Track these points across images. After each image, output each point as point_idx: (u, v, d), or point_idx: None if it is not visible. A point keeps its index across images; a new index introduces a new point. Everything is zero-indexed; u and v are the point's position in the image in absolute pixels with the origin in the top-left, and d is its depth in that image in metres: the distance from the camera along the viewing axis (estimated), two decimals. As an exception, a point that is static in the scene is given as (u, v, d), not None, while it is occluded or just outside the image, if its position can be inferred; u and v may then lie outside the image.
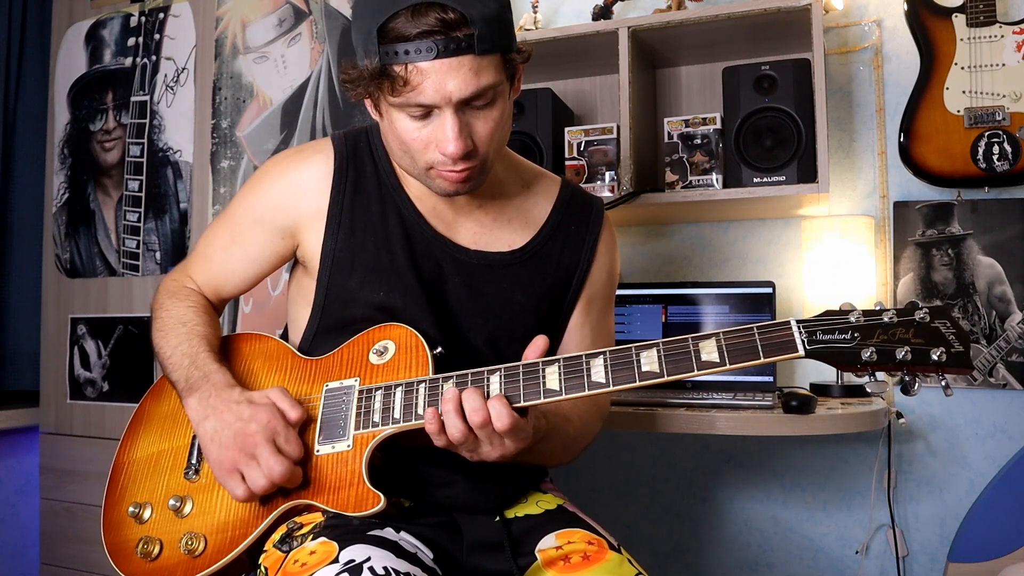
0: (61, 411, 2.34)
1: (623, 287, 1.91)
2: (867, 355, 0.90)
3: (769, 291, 1.81)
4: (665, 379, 0.95)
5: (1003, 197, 1.86)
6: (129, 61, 2.33)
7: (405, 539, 1.04)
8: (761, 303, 1.81)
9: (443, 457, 1.05)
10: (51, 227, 2.41)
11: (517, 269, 1.19)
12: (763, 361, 0.92)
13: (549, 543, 1.08)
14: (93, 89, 2.38)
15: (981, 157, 1.78)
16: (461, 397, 0.97)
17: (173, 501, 1.08)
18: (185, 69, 2.26)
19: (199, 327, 1.16)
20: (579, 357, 0.98)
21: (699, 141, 1.82)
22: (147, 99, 2.30)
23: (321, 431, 1.06)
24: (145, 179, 2.29)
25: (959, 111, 1.80)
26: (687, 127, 1.83)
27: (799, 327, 0.92)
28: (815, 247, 1.86)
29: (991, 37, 1.79)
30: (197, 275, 1.26)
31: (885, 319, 0.91)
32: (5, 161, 2.44)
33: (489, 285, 1.17)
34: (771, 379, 1.79)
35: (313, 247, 1.17)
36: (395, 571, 0.92)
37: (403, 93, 0.98)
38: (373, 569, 0.91)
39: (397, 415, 1.02)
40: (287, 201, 1.18)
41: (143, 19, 2.32)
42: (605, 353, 0.98)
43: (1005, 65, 1.78)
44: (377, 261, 1.14)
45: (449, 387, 0.99)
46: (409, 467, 1.11)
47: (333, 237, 1.15)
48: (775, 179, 1.73)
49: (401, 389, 1.04)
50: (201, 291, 1.25)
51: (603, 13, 1.97)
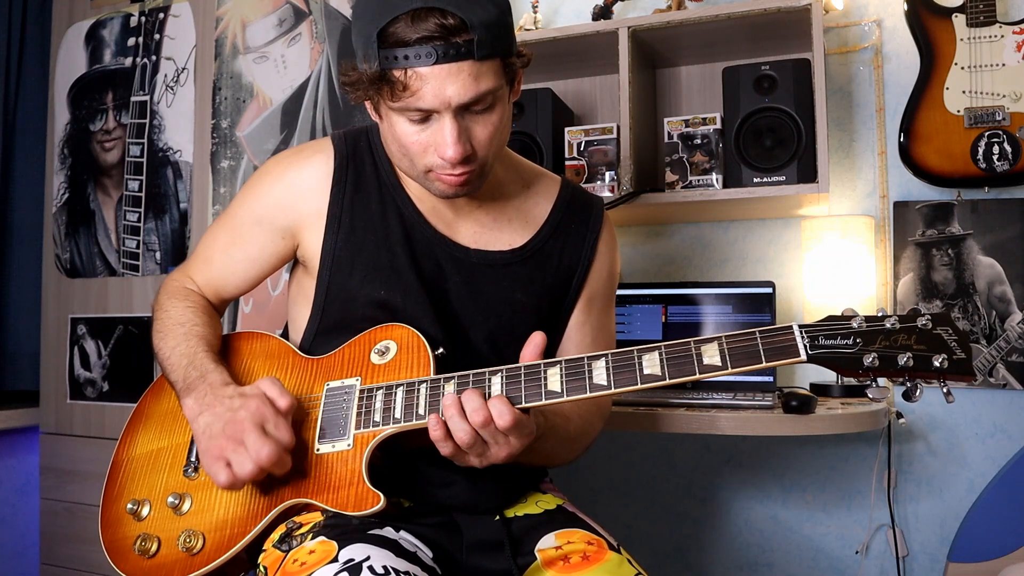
0: (61, 411, 2.34)
1: (623, 287, 1.91)
2: (869, 361, 0.90)
3: (769, 291, 1.81)
4: (667, 382, 0.95)
5: (1003, 197, 1.86)
6: (129, 61, 2.33)
7: (405, 538, 1.04)
8: (761, 303, 1.81)
9: (442, 457, 1.05)
10: (51, 227, 2.41)
11: (517, 268, 1.19)
12: (765, 365, 0.92)
13: (549, 543, 1.08)
14: (93, 89, 2.38)
15: (981, 157, 1.78)
16: (460, 399, 0.97)
17: (172, 498, 1.08)
18: (185, 69, 2.26)
19: (198, 327, 1.16)
20: (581, 359, 0.98)
21: (699, 141, 1.82)
22: (147, 99, 2.30)
23: (322, 430, 1.06)
24: (145, 179, 2.29)
25: (959, 111, 1.80)
26: (687, 127, 1.83)
27: (801, 332, 0.92)
28: (815, 247, 1.86)
29: (991, 37, 1.79)
30: (198, 276, 1.26)
31: (887, 325, 0.91)
32: (5, 161, 2.44)
33: (489, 284, 1.17)
34: (771, 379, 1.79)
35: (313, 247, 1.17)
36: (394, 570, 0.92)
37: (402, 98, 0.98)
38: (372, 568, 0.91)
39: (398, 415, 1.02)
40: (287, 201, 1.18)
41: (143, 19, 2.32)
42: (607, 355, 0.98)
43: (1005, 65, 1.78)
44: (377, 260, 1.14)
45: (448, 392, 0.99)
46: (409, 467, 1.11)
47: (333, 236, 1.16)
48: (775, 179, 1.73)
49: (402, 389, 1.04)
50: (202, 292, 1.25)
51: (603, 13, 1.97)
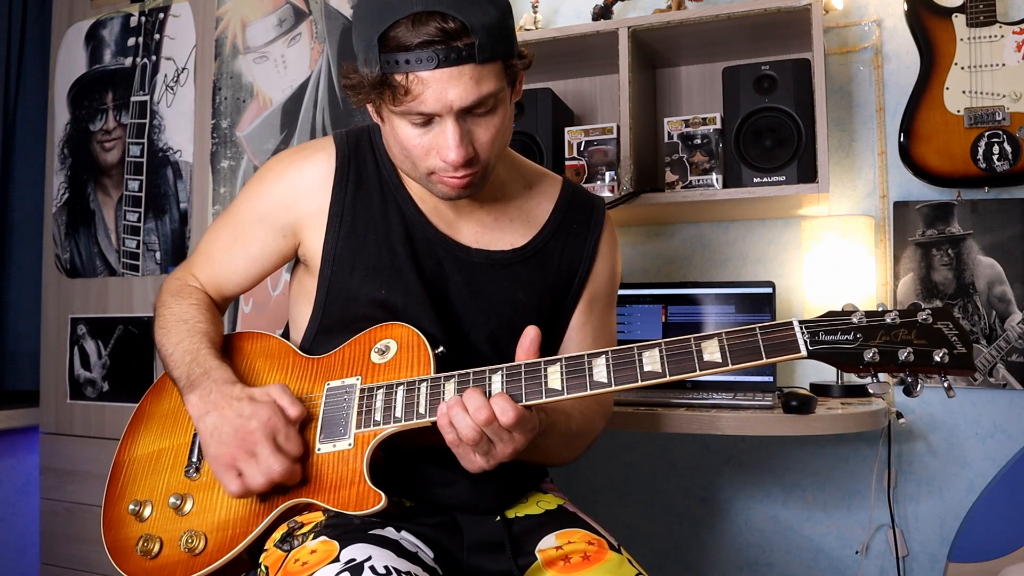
0: (61, 411, 2.34)
1: (623, 287, 1.91)
2: (869, 356, 0.90)
3: (769, 291, 1.81)
4: (667, 379, 0.95)
5: (1003, 197, 1.87)
6: (129, 61, 2.33)
7: (406, 538, 1.04)
8: (761, 303, 1.81)
9: (444, 457, 1.04)
10: (51, 227, 2.41)
11: (518, 268, 1.19)
12: (765, 361, 0.92)
13: (549, 543, 1.08)
14: (93, 89, 2.38)
15: (981, 157, 1.79)
16: (463, 399, 0.97)
17: (173, 499, 1.08)
18: (185, 69, 2.25)
19: (200, 324, 1.16)
20: (581, 357, 0.98)
21: (699, 141, 1.82)
22: (147, 99, 2.30)
23: (322, 430, 1.06)
24: (145, 179, 2.29)
25: (959, 111, 1.80)
26: (687, 127, 1.83)
27: (801, 327, 0.92)
28: (815, 247, 1.86)
29: (991, 37, 1.79)
30: (200, 273, 1.26)
31: (887, 320, 0.91)
32: (5, 161, 2.43)
33: (491, 284, 1.17)
34: (771, 379, 1.79)
35: (314, 246, 1.17)
36: (396, 570, 0.92)
37: (404, 102, 0.98)
38: (374, 568, 0.91)
39: (399, 414, 1.02)
40: (289, 200, 1.18)
41: (143, 19, 2.32)
42: (607, 353, 0.97)
43: (1005, 65, 1.78)
44: (378, 260, 1.14)
45: (450, 392, 0.99)
46: (410, 467, 1.11)
47: (334, 236, 1.16)
48: (775, 179, 1.73)
49: (403, 388, 1.04)
50: (204, 289, 1.25)
51: (603, 13, 1.97)
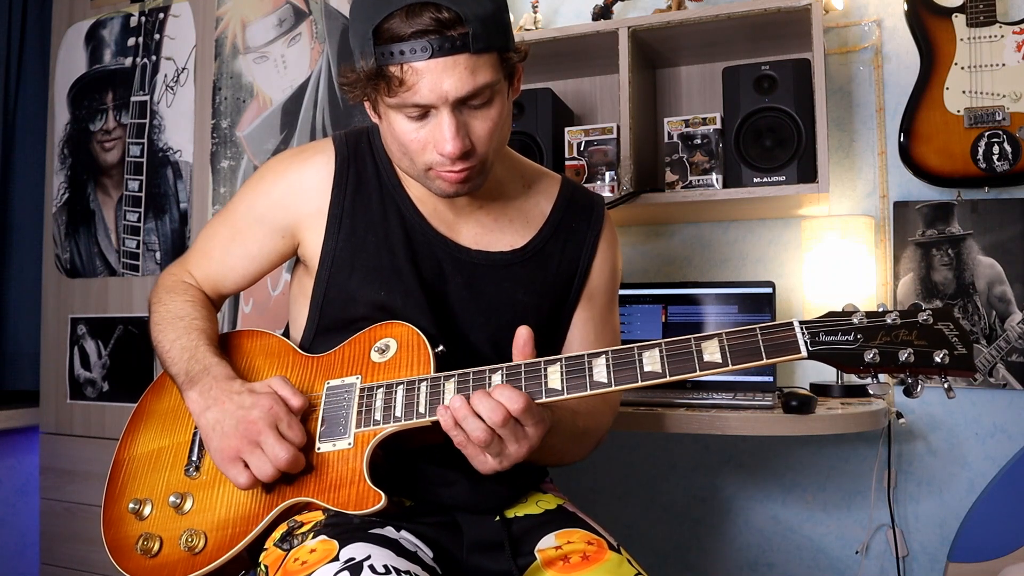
0: (61, 411, 2.34)
1: (623, 287, 1.91)
2: (870, 357, 0.89)
3: (769, 291, 1.81)
4: (667, 379, 0.95)
5: (1003, 197, 1.87)
6: (129, 61, 2.33)
7: (405, 538, 1.04)
8: (761, 303, 1.81)
9: (444, 456, 1.04)
10: (51, 227, 2.41)
11: (518, 268, 1.19)
12: (766, 362, 0.92)
13: (549, 543, 1.08)
14: (93, 89, 2.38)
15: (981, 157, 1.79)
16: (471, 404, 0.95)
17: (173, 498, 1.08)
18: (185, 69, 2.25)
19: (197, 321, 1.16)
20: (581, 357, 0.98)
21: (699, 141, 1.82)
22: (147, 99, 2.30)
23: (322, 429, 1.06)
24: (145, 179, 2.28)
25: (959, 111, 1.80)
26: (687, 127, 1.83)
27: (802, 328, 0.92)
28: (815, 247, 1.86)
29: (991, 37, 1.79)
30: (196, 271, 1.26)
31: (888, 321, 0.91)
32: (5, 161, 2.43)
33: (491, 285, 1.17)
34: (771, 379, 1.79)
35: (313, 247, 1.17)
36: (395, 569, 0.92)
37: (399, 93, 0.98)
38: (373, 567, 0.91)
39: (399, 413, 1.02)
40: (288, 201, 1.18)
41: (143, 19, 2.32)
42: (607, 353, 0.97)
43: (1005, 65, 1.78)
44: (377, 261, 1.14)
45: (454, 397, 0.96)
46: (410, 466, 1.11)
47: (333, 237, 1.16)
48: (775, 179, 1.73)
49: (403, 387, 1.04)
50: (199, 286, 1.25)
51: (603, 13, 1.97)
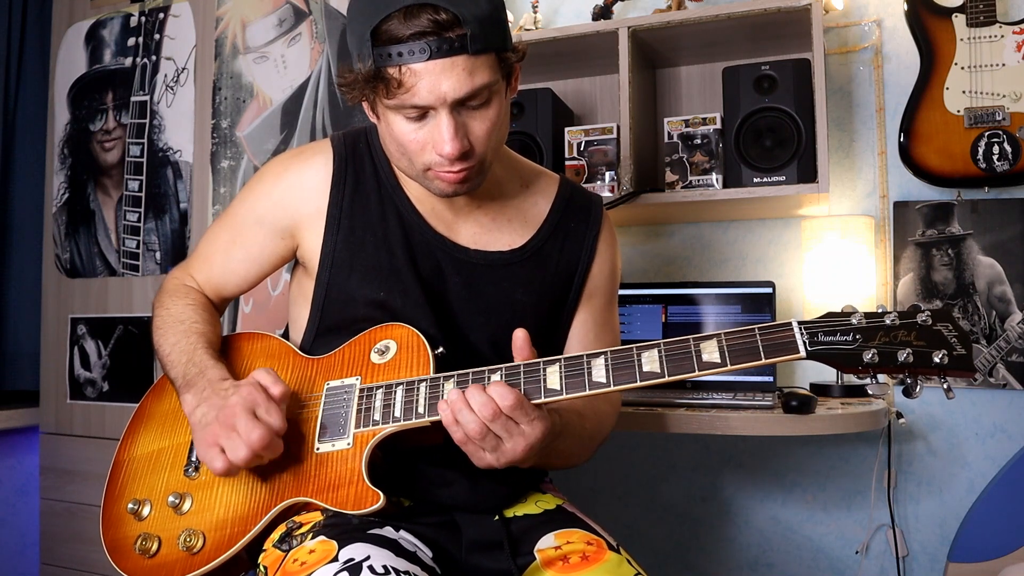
0: (61, 411, 2.34)
1: (623, 287, 1.91)
2: (868, 357, 0.89)
3: (769, 291, 1.81)
4: (666, 379, 0.95)
5: (1003, 197, 1.86)
6: (129, 61, 2.33)
7: (404, 538, 1.04)
8: (761, 303, 1.81)
9: (443, 456, 1.04)
10: (51, 227, 2.41)
11: (517, 268, 1.19)
12: (764, 362, 0.92)
13: (548, 543, 1.08)
14: (93, 89, 2.38)
15: (981, 157, 1.78)
16: (465, 397, 0.96)
17: (172, 498, 1.08)
18: (185, 69, 2.25)
19: (197, 324, 1.17)
20: (580, 357, 0.98)
21: (699, 141, 1.82)
22: (147, 99, 2.30)
23: (322, 429, 1.06)
24: (145, 179, 2.28)
25: (959, 111, 1.80)
26: (687, 127, 1.83)
27: (800, 328, 0.92)
28: (815, 247, 1.86)
29: (991, 37, 1.79)
30: (198, 274, 1.26)
31: (887, 321, 0.91)
32: (5, 161, 2.44)
33: (489, 285, 1.17)
34: (771, 379, 1.79)
35: (313, 247, 1.17)
36: (394, 570, 0.92)
37: (397, 95, 0.98)
38: (373, 568, 0.91)
39: (398, 414, 1.02)
40: (287, 202, 1.18)
41: (143, 19, 2.32)
42: (606, 353, 0.97)
43: (1005, 65, 1.78)
44: (376, 261, 1.14)
45: (451, 391, 0.97)
46: (409, 466, 1.11)
47: (332, 238, 1.16)
48: (775, 179, 1.73)
49: (402, 388, 1.04)
50: (202, 290, 1.25)
51: (603, 13, 1.97)
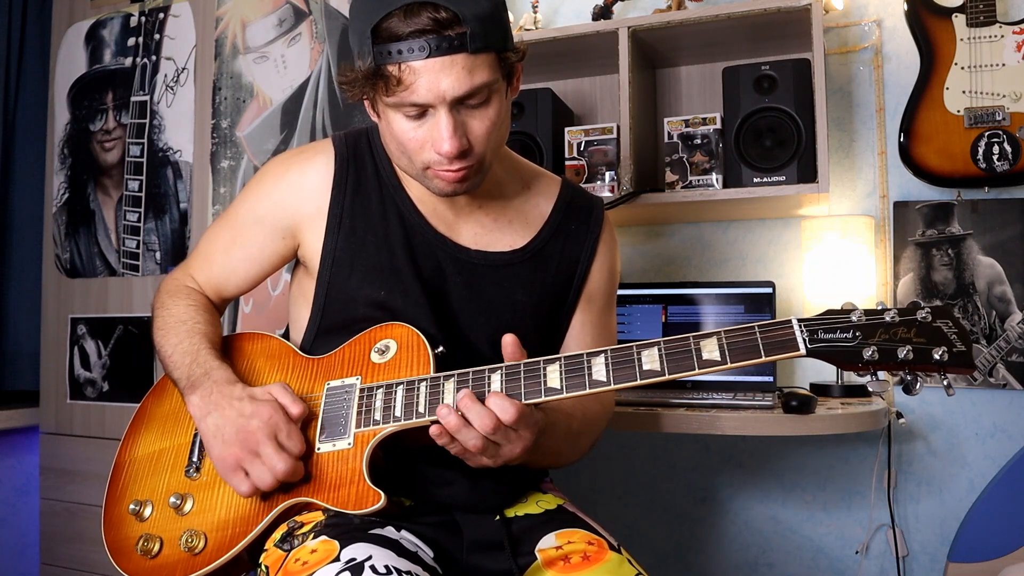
0: (61, 411, 2.34)
1: (623, 287, 1.91)
2: (869, 354, 0.90)
3: (769, 291, 1.81)
4: (666, 377, 0.95)
5: (1003, 197, 1.86)
6: (129, 61, 2.33)
7: (406, 538, 1.04)
8: (761, 303, 1.81)
9: (443, 456, 1.04)
10: (51, 227, 2.41)
11: (518, 269, 1.19)
12: (764, 360, 0.92)
13: (549, 543, 1.08)
14: (93, 89, 2.38)
15: (981, 157, 1.79)
16: (461, 412, 0.96)
17: (174, 499, 1.09)
18: (185, 69, 2.25)
19: (199, 325, 1.17)
20: (580, 356, 0.98)
21: (699, 141, 1.82)
22: (147, 99, 2.30)
23: (322, 429, 1.06)
24: (145, 179, 2.28)
25: (959, 111, 1.80)
26: (687, 127, 1.83)
27: (800, 326, 0.92)
28: (815, 247, 1.86)
29: (991, 37, 1.79)
30: (199, 274, 1.26)
31: (887, 318, 0.91)
32: (5, 161, 2.43)
33: (490, 285, 1.17)
34: (771, 379, 1.79)
35: (313, 247, 1.17)
36: (396, 570, 0.92)
37: (397, 93, 0.98)
38: (375, 568, 0.91)
39: (398, 413, 1.02)
40: (288, 202, 1.18)
41: (143, 19, 2.32)
42: (606, 351, 0.97)
43: (1005, 65, 1.78)
44: (377, 261, 1.15)
45: (445, 410, 0.97)
46: (409, 466, 1.11)
47: (333, 238, 1.16)
48: (775, 179, 1.73)
49: (402, 388, 1.04)
50: (202, 290, 1.25)
51: (603, 13, 1.97)
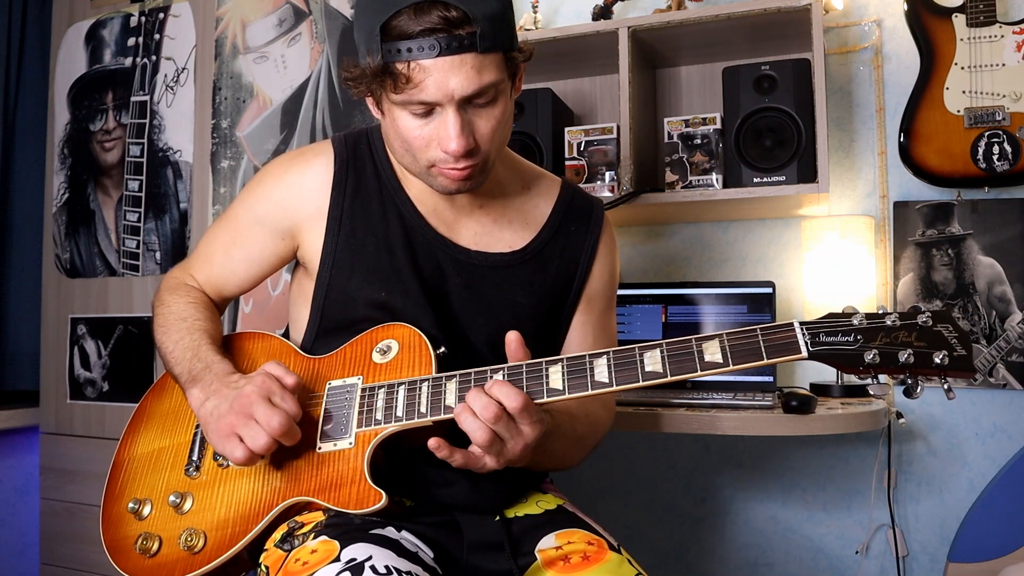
0: (61, 411, 2.34)
1: (623, 287, 1.91)
2: (870, 357, 0.90)
3: (769, 291, 1.81)
4: (668, 379, 0.95)
5: (1003, 197, 1.87)
6: (129, 61, 2.33)
7: (406, 538, 1.04)
8: (761, 303, 1.81)
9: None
10: (51, 227, 2.41)
11: (518, 270, 1.19)
12: (766, 362, 0.92)
13: (549, 543, 1.08)
14: (93, 89, 2.38)
15: (981, 157, 1.79)
16: (468, 403, 0.96)
17: (173, 497, 1.09)
18: (185, 69, 2.25)
19: (200, 322, 1.17)
20: (582, 357, 0.98)
21: (699, 141, 1.82)
22: (147, 99, 2.30)
23: (324, 429, 1.06)
24: (145, 179, 2.29)
25: (959, 111, 1.80)
26: (687, 127, 1.83)
27: (802, 329, 0.92)
28: (815, 247, 1.86)
29: (991, 37, 1.79)
30: (199, 274, 1.26)
31: (888, 322, 0.91)
32: (5, 161, 2.43)
33: (490, 286, 1.17)
34: (771, 379, 1.79)
35: (313, 248, 1.17)
36: (396, 570, 0.92)
37: (405, 91, 0.98)
38: (375, 568, 0.91)
39: (400, 413, 1.02)
40: (287, 203, 1.18)
41: (143, 19, 2.32)
42: (608, 353, 0.98)
43: (1005, 65, 1.78)
44: (377, 262, 1.15)
45: (451, 391, 0.97)
46: (410, 466, 1.11)
47: (333, 239, 1.16)
48: (775, 179, 1.73)
49: (404, 388, 1.04)
50: (202, 289, 1.26)
51: (603, 13, 1.97)
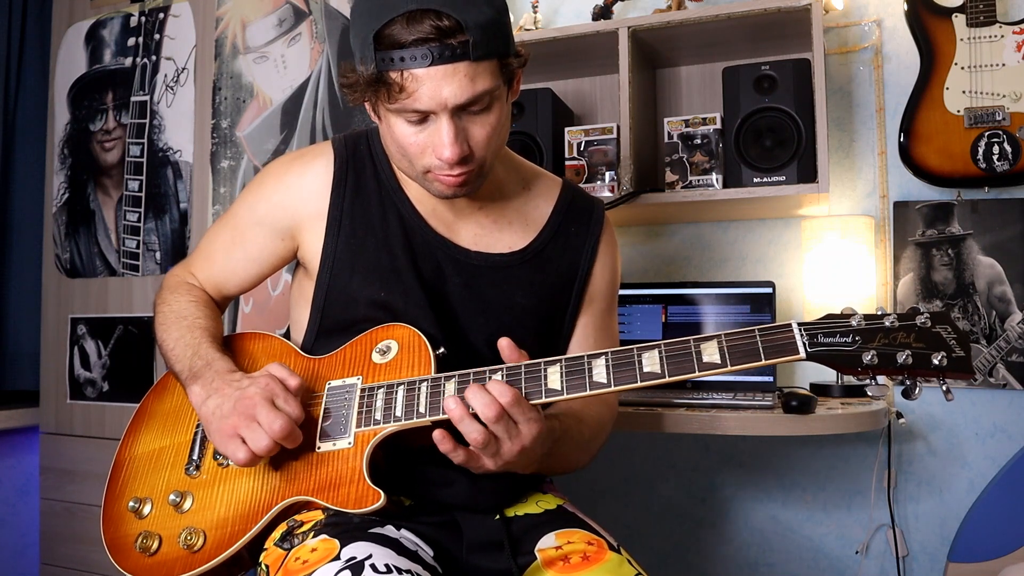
0: (61, 411, 2.34)
1: (623, 287, 1.91)
2: (868, 359, 0.90)
3: (769, 291, 1.81)
4: (667, 380, 0.95)
5: (1003, 197, 1.87)
6: (129, 61, 2.33)
7: (406, 537, 1.04)
8: (761, 303, 1.81)
9: (443, 456, 1.04)
10: (51, 227, 2.41)
11: (518, 271, 1.19)
12: (764, 363, 0.92)
13: (549, 543, 1.08)
14: (93, 89, 2.38)
15: (981, 157, 1.79)
16: (467, 400, 0.96)
17: (173, 496, 1.09)
18: (185, 69, 2.25)
19: (200, 320, 1.17)
20: (581, 357, 0.98)
21: (699, 141, 1.82)
22: (147, 99, 2.30)
23: (323, 429, 1.06)
24: (145, 179, 2.29)
25: (959, 111, 1.80)
26: (687, 127, 1.83)
27: (800, 329, 0.92)
28: (815, 247, 1.86)
29: (991, 37, 1.79)
30: (199, 273, 1.27)
31: (886, 323, 0.91)
32: (5, 161, 2.44)
33: (490, 287, 1.17)
34: (771, 379, 1.79)
35: (313, 249, 1.18)
36: (396, 569, 0.92)
37: (399, 99, 0.99)
38: (375, 566, 0.92)
39: (399, 413, 1.02)
40: (287, 203, 1.19)
41: (143, 19, 2.32)
42: (607, 354, 0.98)
43: (1005, 65, 1.78)
44: (377, 263, 1.15)
45: (452, 402, 0.97)
46: (409, 466, 1.11)
47: (333, 239, 1.16)
48: (775, 179, 1.73)
49: (403, 388, 1.04)
50: (203, 287, 1.26)
51: (603, 13, 1.97)
